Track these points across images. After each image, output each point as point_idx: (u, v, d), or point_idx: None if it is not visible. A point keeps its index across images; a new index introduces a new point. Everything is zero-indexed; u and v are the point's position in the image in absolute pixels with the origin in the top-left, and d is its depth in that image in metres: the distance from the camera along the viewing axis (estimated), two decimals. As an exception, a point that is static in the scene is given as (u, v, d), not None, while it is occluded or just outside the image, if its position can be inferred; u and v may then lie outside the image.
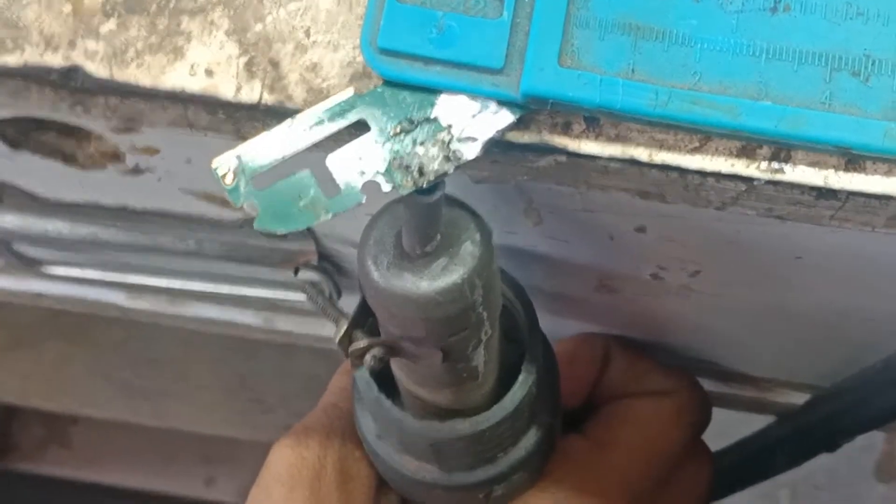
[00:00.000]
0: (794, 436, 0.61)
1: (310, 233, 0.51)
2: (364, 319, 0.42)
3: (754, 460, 0.67)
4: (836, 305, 0.48)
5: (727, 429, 0.66)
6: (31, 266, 0.59)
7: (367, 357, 0.42)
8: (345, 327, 0.42)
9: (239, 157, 0.36)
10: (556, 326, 0.53)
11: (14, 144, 0.46)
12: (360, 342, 0.42)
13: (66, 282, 0.63)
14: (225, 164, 0.36)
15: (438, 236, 0.38)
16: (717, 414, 0.61)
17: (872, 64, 0.34)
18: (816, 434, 0.59)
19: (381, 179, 0.35)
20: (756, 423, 0.67)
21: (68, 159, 0.47)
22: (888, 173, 0.35)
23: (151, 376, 1.38)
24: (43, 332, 1.40)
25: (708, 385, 0.60)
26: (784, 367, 0.60)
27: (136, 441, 1.47)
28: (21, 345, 1.40)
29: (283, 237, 0.51)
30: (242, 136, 0.38)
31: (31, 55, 0.38)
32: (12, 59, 0.38)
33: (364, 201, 0.35)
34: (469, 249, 0.38)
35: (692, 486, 0.58)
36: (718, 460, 0.61)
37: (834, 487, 1.27)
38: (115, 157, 0.46)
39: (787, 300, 0.48)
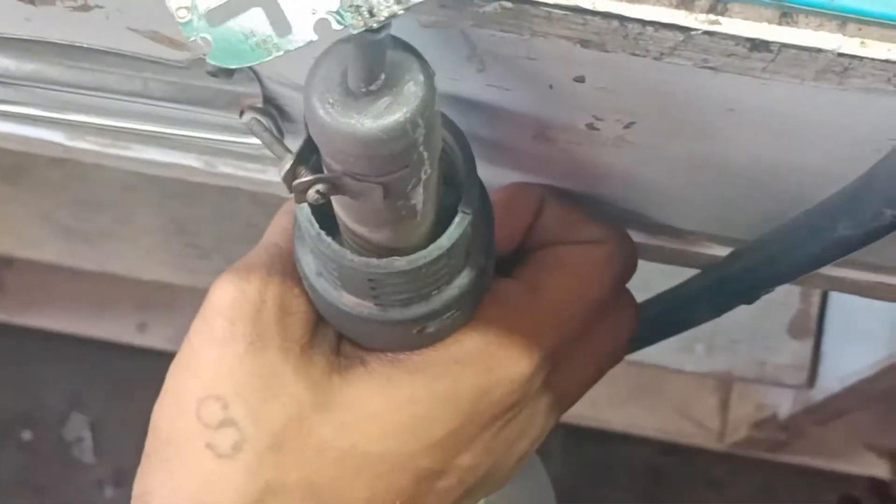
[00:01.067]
0: (715, 286, 0.63)
1: (256, 75, 0.52)
2: (308, 156, 0.43)
3: (676, 310, 0.69)
4: (764, 159, 0.50)
5: (651, 281, 0.68)
6: (-26, 102, 0.59)
7: (311, 192, 0.43)
8: (290, 163, 0.43)
9: (193, -7, 0.37)
10: (493, 176, 0.54)
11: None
12: (304, 177, 0.43)
13: (9, 119, 0.63)
14: (179, -1, 0.37)
15: (383, 75, 0.39)
16: (643, 266, 0.62)
17: (808, -81, 0.36)
18: (737, 285, 0.61)
19: (332, 18, 0.36)
20: (680, 276, 0.69)
21: (17, -7, 0.47)
22: (819, 27, 0.36)
23: (90, 219, 1.38)
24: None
25: (636, 237, 0.62)
26: (711, 220, 0.62)
27: (69, 285, 1.47)
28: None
29: (230, 78, 0.52)
30: (195, -26, 0.38)
31: None
32: None
33: (316, 39, 0.36)
34: (412, 90, 0.39)
35: (616, 331, 0.60)
36: (642, 310, 0.63)
37: (749, 341, 1.31)
38: (65, -8, 0.46)
39: (718, 154, 0.50)
